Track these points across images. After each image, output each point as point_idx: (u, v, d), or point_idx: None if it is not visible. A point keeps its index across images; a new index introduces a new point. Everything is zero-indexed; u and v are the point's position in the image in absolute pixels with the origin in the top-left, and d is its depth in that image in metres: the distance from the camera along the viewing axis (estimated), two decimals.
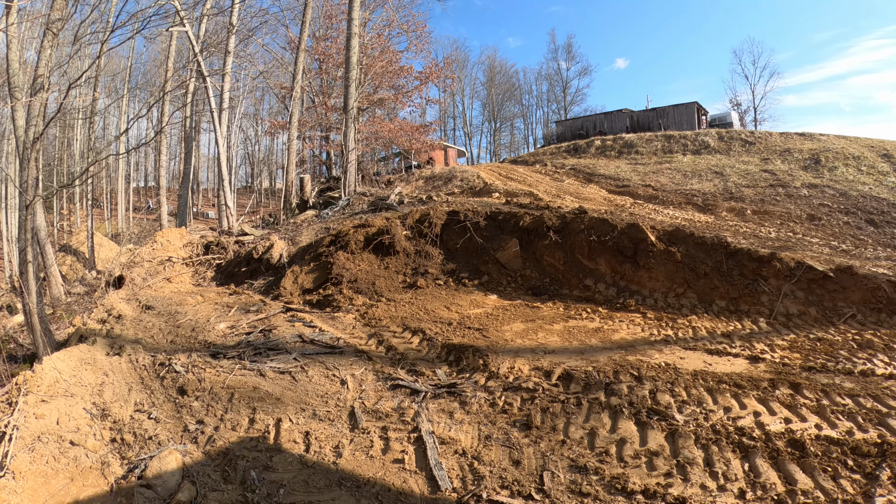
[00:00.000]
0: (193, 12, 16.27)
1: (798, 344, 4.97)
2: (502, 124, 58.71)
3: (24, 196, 8.18)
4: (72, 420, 3.34)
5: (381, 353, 5.22)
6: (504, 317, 6.32)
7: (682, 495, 2.67)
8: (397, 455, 3.19)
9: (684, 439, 3.15)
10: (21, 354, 8.05)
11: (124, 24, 10.54)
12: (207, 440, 3.37)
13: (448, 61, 31.44)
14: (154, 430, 3.45)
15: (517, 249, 8.36)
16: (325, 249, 8.81)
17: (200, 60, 15.88)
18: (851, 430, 3.17)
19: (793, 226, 9.76)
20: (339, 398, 4.10)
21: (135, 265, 10.28)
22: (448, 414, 3.73)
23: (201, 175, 46.37)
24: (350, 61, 15.14)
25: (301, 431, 3.51)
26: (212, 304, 7.99)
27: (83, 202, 32.18)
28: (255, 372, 4.68)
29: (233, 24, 17.63)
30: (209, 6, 17.68)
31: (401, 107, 23.75)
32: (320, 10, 23.34)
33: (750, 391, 3.74)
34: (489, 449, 3.24)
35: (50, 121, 9.55)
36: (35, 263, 8.46)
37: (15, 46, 9.49)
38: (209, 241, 11.59)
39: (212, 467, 3.06)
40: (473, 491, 2.82)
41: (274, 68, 27.22)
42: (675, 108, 27.96)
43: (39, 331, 7.52)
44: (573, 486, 2.82)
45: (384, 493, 2.81)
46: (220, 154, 16.45)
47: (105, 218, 34.76)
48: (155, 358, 5.03)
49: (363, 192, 13.71)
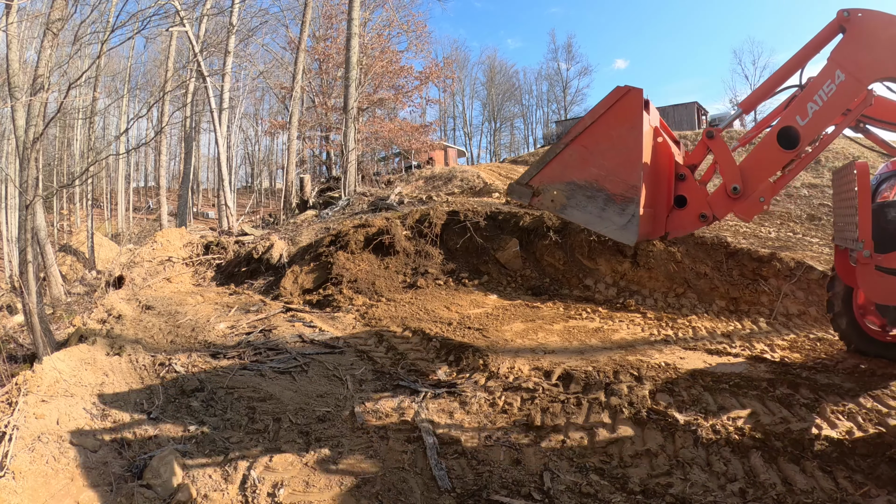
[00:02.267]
0: (193, 12, 16.28)
1: (798, 344, 4.97)
2: (502, 124, 58.74)
3: (24, 196, 8.18)
4: (72, 420, 3.34)
5: (382, 353, 5.22)
6: (504, 317, 6.32)
7: (682, 494, 2.67)
8: (397, 455, 3.19)
9: (684, 439, 3.15)
10: (21, 354, 8.05)
11: (124, 24, 10.55)
12: (207, 440, 3.37)
13: (448, 61, 31.49)
14: (154, 430, 3.46)
15: (517, 249, 8.36)
16: (325, 249, 8.81)
17: (200, 60, 15.88)
18: (851, 430, 3.17)
19: (793, 226, 9.77)
20: (338, 398, 4.10)
21: (135, 265, 10.28)
22: (448, 414, 3.73)
23: (201, 175, 46.37)
24: (350, 61, 15.14)
25: (301, 431, 3.51)
26: (212, 304, 7.99)
27: (83, 202, 32.20)
28: (255, 372, 4.68)
29: (233, 24, 17.64)
30: (209, 6, 17.68)
31: (401, 107, 23.75)
32: (320, 10, 23.33)
33: (750, 391, 3.74)
34: (489, 449, 3.24)
35: (50, 121, 9.55)
36: (35, 263, 8.45)
37: (15, 46, 9.49)
38: (209, 241, 11.60)
39: (212, 467, 3.06)
40: (474, 491, 2.82)
41: (274, 68, 27.21)
42: (675, 108, 27.95)
43: (39, 331, 7.52)
44: (573, 486, 2.82)
45: (384, 493, 2.81)
46: (220, 154, 16.45)
47: (105, 218, 34.76)
48: (155, 358, 5.03)
49: (363, 192, 13.71)
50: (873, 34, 2.94)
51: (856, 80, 2.95)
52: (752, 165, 3.17)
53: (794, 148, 3.06)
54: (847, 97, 2.99)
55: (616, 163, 3.03)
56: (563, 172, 3.20)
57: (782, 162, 3.17)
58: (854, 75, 2.95)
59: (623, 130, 3.01)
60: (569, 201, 3.21)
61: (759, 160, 3.19)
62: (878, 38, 2.92)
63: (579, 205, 3.17)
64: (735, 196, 3.16)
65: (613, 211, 3.02)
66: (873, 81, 3.00)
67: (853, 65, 2.94)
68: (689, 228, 3.38)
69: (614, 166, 3.04)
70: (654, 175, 3.21)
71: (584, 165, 3.14)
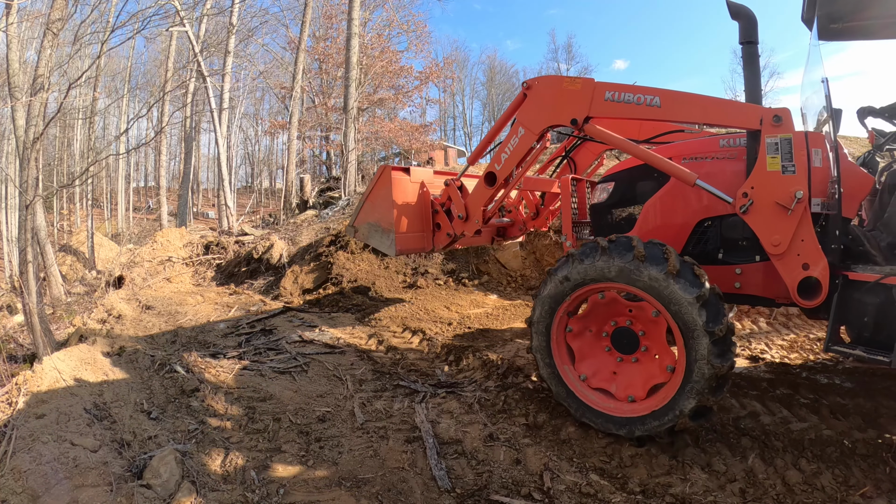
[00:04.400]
0: (193, 12, 16.28)
1: (798, 344, 4.97)
2: None
3: (24, 196, 8.18)
4: (72, 420, 3.34)
5: (381, 353, 5.22)
6: (504, 317, 6.32)
7: (682, 494, 2.67)
8: (397, 455, 3.19)
9: (684, 438, 3.15)
10: (21, 354, 8.05)
11: (124, 24, 10.55)
12: (207, 440, 3.37)
13: (448, 61, 31.49)
14: (154, 430, 3.45)
15: (517, 249, 8.36)
16: (325, 249, 8.81)
17: (200, 60, 15.89)
18: (850, 429, 3.17)
19: None
20: (338, 398, 4.10)
21: (135, 265, 10.29)
22: (448, 414, 3.73)
23: (201, 175, 46.38)
24: (350, 61, 15.14)
25: (301, 431, 3.51)
26: (212, 303, 8.00)
27: (83, 202, 32.22)
28: (254, 372, 4.68)
29: (233, 24, 17.65)
30: (209, 6, 17.69)
31: (401, 107, 23.79)
32: (320, 10, 23.34)
33: (749, 390, 3.75)
34: (490, 448, 3.24)
35: (50, 121, 9.55)
36: (35, 263, 8.46)
37: (15, 46, 9.49)
38: (209, 241, 11.60)
39: (211, 467, 3.06)
40: (474, 491, 2.82)
41: (274, 68, 27.21)
42: None
43: (39, 331, 7.52)
44: (573, 486, 2.82)
45: (384, 493, 2.81)
46: (220, 154, 16.46)
47: (105, 218, 34.78)
48: (155, 358, 5.03)
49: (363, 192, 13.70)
50: (542, 95, 3.92)
51: (532, 133, 3.98)
52: (471, 199, 4.76)
53: (494, 185, 4.43)
54: (527, 145, 4.05)
55: (383, 210, 5.05)
56: (364, 218, 5.34)
57: (488, 195, 4.57)
58: (530, 129, 3.98)
59: (383, 192, 5.03)
60: (369, 234, 5.28)
61: (475, 195, 4.70)
62: (544, 98, 3.91)
63: (373, 235, 5.22)
64: (462, 220, 4.85)
65: (386, 237, 5.05)
66: (544, 130, 3.97)
67: (530, 122, 3.98)
68: (443, 243, 5.17)
69: (382, 212, 5.06)
70: (420, 212, 5.18)
71: (371, 213, 5.24)
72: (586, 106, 3.63)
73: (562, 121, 3.80)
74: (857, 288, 2.86)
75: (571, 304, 3.33)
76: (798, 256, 2.96)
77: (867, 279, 2.81)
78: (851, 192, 3.05)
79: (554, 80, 3.94)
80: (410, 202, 5.10)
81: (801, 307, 3.08)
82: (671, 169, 3.35)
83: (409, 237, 5.05)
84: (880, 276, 2.76)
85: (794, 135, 3.01)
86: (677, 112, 3.40)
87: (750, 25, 3.31)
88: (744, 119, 3.16)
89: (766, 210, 3.03)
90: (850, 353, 2.85)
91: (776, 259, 3.05)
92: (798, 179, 2.94)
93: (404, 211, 5.01)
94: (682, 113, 3.43)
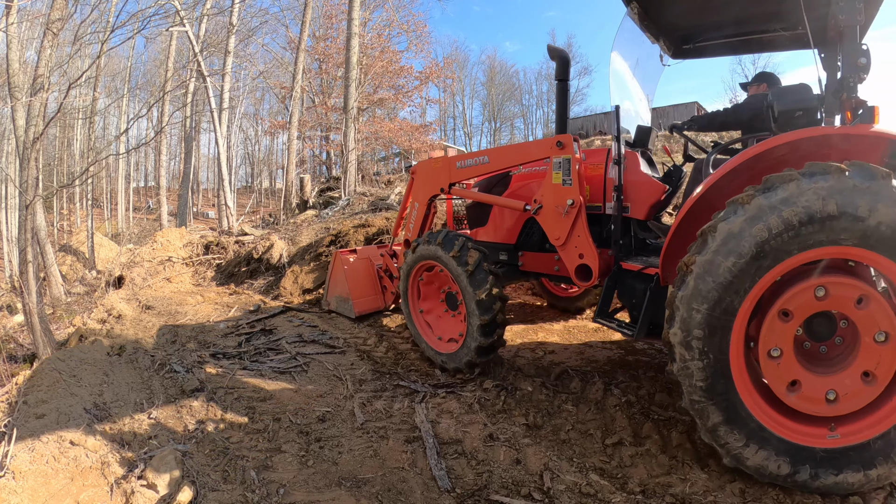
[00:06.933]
0: (193, 12, 16.29)
1: None
2: (502, 124, 58.76)
3: (24, 196, 8.18)
4: (72, 420, 3.34)
5: (382, 353, 5.22)
6: None
7: (682, 494, 2.67)
8: (397, 455, 3.19)
9: (684, 438, 3.15)
10: (21, 354, 8.04)
11: (124, 24, 10.55)
12: (207, 440, 3.37)
13: (448, 61, 31.49)
14: (154, 430, 3.45)
15: None
16: (325, 249, 8.81)
17: (200, 60, 15.90)
18: None
19: None
20: (338, 398, 4.10)
21: (135, 265, 10.29)
22: (448, 414, 3.73)
23: (201, 175, 46.37)
24: (350, 61, 15.13)
25: (301, 431, 3.51)
26: (212, 303, 8.00)
27: (83, 202, 32.23)
28: (254, 372, 4.68)
29: (233, 24, 17.64)
30: (209, 6, 17.69)
31: (401, 107, 23.78)
32: (320, 10, 23.34)
33: None
34: (489, 448, 3.24)
35: (50, 121, 9.55)
36: (35, 263, 8.45)
37: (15, 46, 9.49)
38: (209, 241, 11.59)
39: (212, 467, 3.06)
40: (474, 491, 2.82)
41: (274, 68, 27.19)
42: (675, 107, 27.96)
43: (39, 331, 7.52)
44: (573, 486, 2.82)
45: (384, 493, 2.81)
46: (220, 154, 16.46)
47: (105, 218, 34.79)
48: (155, 358, 5.03)
49: (363, 192, 13.70)
50: (422, 177, 5.31)
51: (423, 205, 5.31)
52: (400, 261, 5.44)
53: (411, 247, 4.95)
54: (422, 213, 5.34)
55: (342, 284, 6.45)
56: (332, 292, 6.71)
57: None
58: (422, 202, 5.32)
59: (338, 271, 6.48)
60: (337, 304, 6.62)
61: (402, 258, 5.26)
62: (424, 178, 5.28)
63: (340, 305, 6.56)
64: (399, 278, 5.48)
65: (346, 303, 6.40)
66: (429, 201, 5.28)
67: (419, 198, 5.35)
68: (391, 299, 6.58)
69: (342, 286, 6.46)
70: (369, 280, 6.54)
71: (334, 288, 6.64)
72: (447, 176, 4.99)
73: (436, 191, 5.16)
74: (626, 274, 3.68)
75: (419, 271, 4.80)
76: (575, 248, 3.89)
77: (633, 269, 3.61)
78: (641, 198, 3.79)
79: (428, 163, 5.27)
80: (360, 275, 6.47)
81: (578, 286, 4.41)
82: (501, 202, 4.71)
83: (364, 301, 6.42)
84: (642, 266, 3.52)
85: (588, 153, 4.17)
86: (501, 161, 4.58)
87: (564, 66, 4.21)
88: (543, 150, 4.14)
89: (549, 213, 4.02)
90: (609, 325, 3.70)
91: (560, 249, 4.01)
92: (572, 190, 3.83)
93: (356, 282, 6.39)
94: (505, 161, 4.57)
